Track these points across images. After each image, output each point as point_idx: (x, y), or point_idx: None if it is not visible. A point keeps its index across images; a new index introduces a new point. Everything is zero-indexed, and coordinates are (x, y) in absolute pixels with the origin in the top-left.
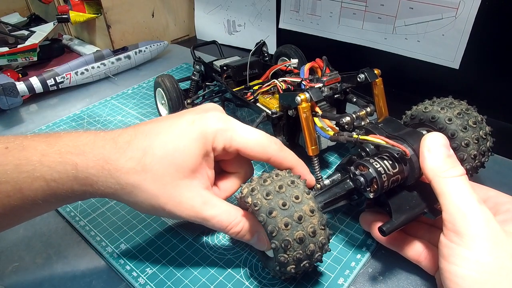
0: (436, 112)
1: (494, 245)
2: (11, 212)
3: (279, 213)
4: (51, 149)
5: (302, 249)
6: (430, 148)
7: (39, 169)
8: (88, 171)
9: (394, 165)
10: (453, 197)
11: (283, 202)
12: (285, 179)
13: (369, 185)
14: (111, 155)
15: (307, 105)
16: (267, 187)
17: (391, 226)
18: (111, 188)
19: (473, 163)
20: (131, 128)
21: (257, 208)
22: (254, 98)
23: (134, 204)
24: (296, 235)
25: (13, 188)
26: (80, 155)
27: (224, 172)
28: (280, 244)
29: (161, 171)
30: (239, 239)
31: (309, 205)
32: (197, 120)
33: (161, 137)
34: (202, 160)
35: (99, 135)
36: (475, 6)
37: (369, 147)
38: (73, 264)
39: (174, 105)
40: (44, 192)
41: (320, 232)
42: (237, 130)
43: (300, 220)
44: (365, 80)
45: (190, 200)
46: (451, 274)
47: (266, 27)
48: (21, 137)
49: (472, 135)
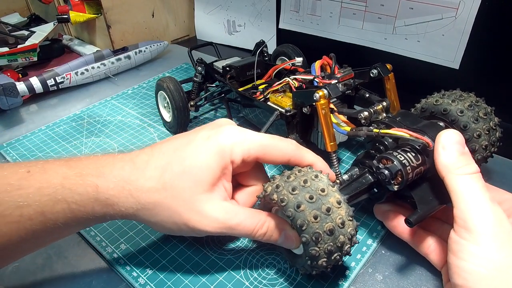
0: (447, 104)
1: (505, 243)
2: (33, 236)
3: (307, 206)
4: (72, 172)
5: (332, 241)
6: (444, 145)
7: (61, 192)
8: (108, 193)
9: (417, 157)
10: (465, 194)
11: (310, 196)
12: (309, 174)
13: (393, 178)
14: (131, 176)
15: (325, 101)
16: (292, 183)
17: (418, 217)
18: (132, 208)
19: (484, 153)
20: (148, 148)
21: (284, 203)
22: (264, 97)
23: (156, 224)
24: (326, 227)
25: (35, 212)
26: (100, 177)
27: (241, 185)
28: (310, 237)
29: (181, 187)
30: (266, 241)
31: (335, 197)
32: (212, 135)
33: (179, 154)
34: (221, 173)
35: (117, 157)
36: (475, 6)
37: (388, 141)
38: (73, 264)
39: (178, 108)
40: (65, 215)
41: (348, 223)
42: (253, 139)
43: (329, 212)
44: (378, 75)
45: (213, 213)
46: (459, 269)
47: (266, 27)
48: (42, 161)
49: (483, 126)
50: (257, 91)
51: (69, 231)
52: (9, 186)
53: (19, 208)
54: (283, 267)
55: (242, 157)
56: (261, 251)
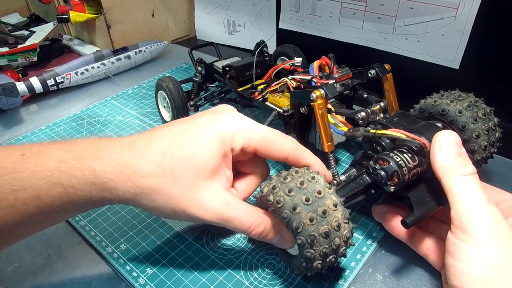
0: (446, 105)
1: (501, 244)
2: (29, 220)
3: (303, 209)
4: (68, 155)
5: (328, 244)
6: (441, 146)
7: (57, 175)
8: (106, 176)
9: (414, 158)
10: (462, 196)
11: (306, 198)
12: (305, 175)
13: (390, 179)
14: (129, 160)
15: (322, 101)
16: (288, 184)
17: (414, 218)
18: (130, 192)
19: (483, 153)
20: (147, 132)
21: (280, 205)
22: (262, 97)
23: (154, 209)
24: (322, 230)
25: (30, 196)
26: (97, 160)
27: (241, 173)
28: (306, 239)
29: (181, 173)
30: (261, 240)
31: (332, 200)
32: (214, 121)
33: (179, 139)
34: (221, 161)
35: (115, 141)
36: (475, 6)
37: (385, 141)
38: (73, 264)
39: (178, 108)
40: (61, 199)
41: (344, 226)
42: (255, 130)
43: (325, 215)
44: (376, 75)
45: (212, 202)
46: (456, 270)
47: (266, 27)
48: (37, 144)
49: (482, 126)
50: (256, 91)
51: (66, 215)
52: (3, 170)
53: (14, 192)
54: (283, 267)
55: (242, 146)
56: (261, 251)
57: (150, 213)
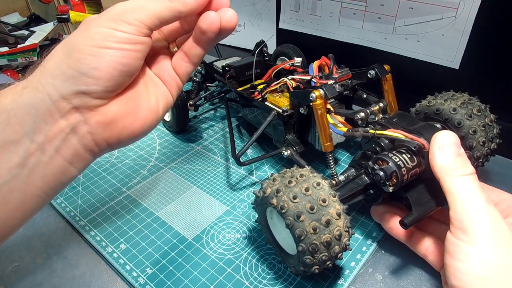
0: (440, 104)
1: (500, 244)
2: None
3: (307, 217)
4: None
5: (327, 252)
6: (440, 146)
7: None
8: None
9: (413, 159)
10: (461, 196)
11: (311, 206)
12: (310, 180)
13: (388, 179)
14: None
15: (321, 101)
16: (293, 189)
17: (412, 219)
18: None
19: (483, 150)
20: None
21: (284, 211)
22: (262, 97)
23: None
24: (324, 239)
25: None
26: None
27: None
28: (307, 247)
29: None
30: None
31: (336, 208)
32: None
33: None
34: None
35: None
36: (475, 6)
37: (384, 142)
38: (73, 264)
39: (177, 107)
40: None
41: (345, 234)
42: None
43: (328, 224)
44: (375, 76)
45: None
46: (455, 270)
47: (266, 27)
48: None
49: (478, 122)
50: (255, 91)
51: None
52: None
53: None
54: (283, 267)
55: None
56: (261, 251)
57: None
